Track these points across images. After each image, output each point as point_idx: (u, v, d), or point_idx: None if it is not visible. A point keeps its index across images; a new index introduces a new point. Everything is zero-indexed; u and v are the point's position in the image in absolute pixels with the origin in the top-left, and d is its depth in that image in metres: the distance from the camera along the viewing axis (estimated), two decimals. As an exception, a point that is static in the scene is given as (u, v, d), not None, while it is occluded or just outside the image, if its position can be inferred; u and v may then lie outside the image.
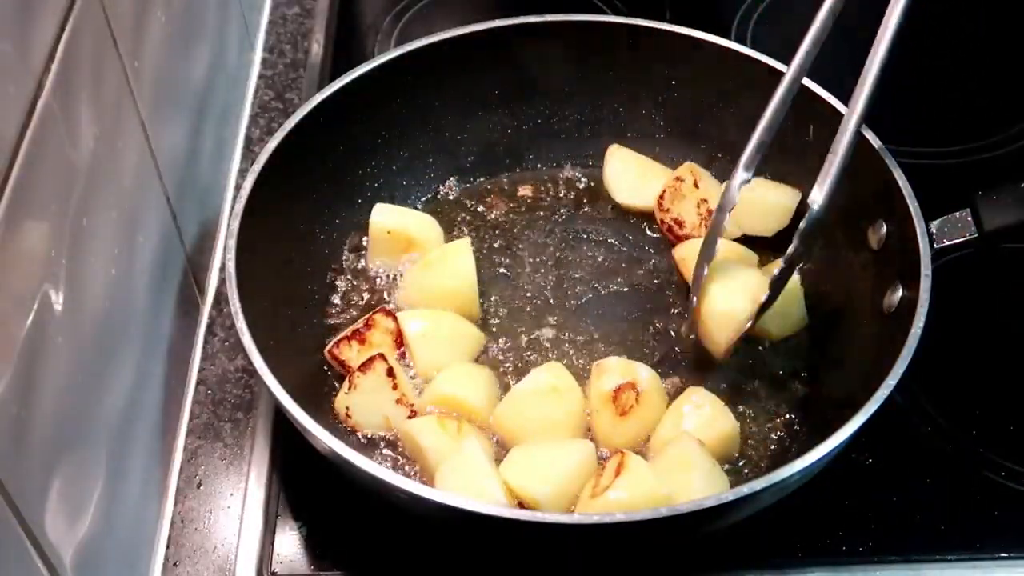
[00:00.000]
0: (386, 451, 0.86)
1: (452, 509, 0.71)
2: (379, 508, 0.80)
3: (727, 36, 1.02)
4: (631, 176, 1.04)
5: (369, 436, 0.87)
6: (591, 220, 1.04)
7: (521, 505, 0.79)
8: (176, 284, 0.91)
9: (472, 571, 0.83)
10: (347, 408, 0.86)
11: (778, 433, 0.88)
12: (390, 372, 0.86)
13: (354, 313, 0.96)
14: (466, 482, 0.79)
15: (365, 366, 0.86)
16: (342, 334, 0.91)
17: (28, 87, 0.64)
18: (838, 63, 0.87)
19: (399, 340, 0.90)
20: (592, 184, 1.06)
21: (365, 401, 0.86)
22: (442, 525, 0.79)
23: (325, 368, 0.91)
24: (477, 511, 0.71)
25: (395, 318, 0.90)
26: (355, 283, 0.98)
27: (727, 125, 1.02)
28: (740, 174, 0.88)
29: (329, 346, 0.90)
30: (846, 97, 0.85)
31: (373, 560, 0.83)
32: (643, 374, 0.87)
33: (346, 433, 0.87)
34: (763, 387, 0.91)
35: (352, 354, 0.89)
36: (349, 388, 0.86)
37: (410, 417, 0.86)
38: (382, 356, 0.87)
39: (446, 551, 0.82)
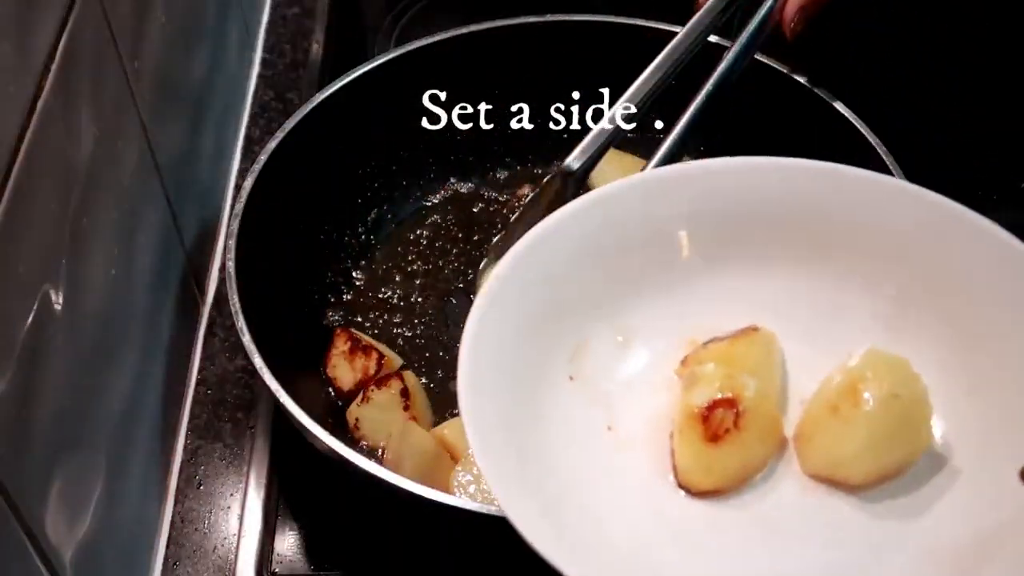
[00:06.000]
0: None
1: (452, 509, 0.71)
2: (379, 508, 0.80)
3: (727, 36, 1.02)
4: (612, 174, 1.04)
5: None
6: (591, 220, 1.04)
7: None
8: (176, 284, 0.91)
9: (472, 571, 0.83)
10: (356, 420, 0.86)
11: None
12: (404, 392, 0.86)
13: (354, 313, 0.96)
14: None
15: (381, 382, 0.86)
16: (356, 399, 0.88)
17: (28, 87, 0.64)
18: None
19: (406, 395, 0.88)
20: (592, 184, 1.06)
21: (376, 416, 0.86)
22: (442, 525, 0.79)
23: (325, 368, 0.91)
24: (477, 511, 0.71)
25: (402, 377, 0.88)
26: (355, 283, 0.98)
27: (727, 125, 1.02)
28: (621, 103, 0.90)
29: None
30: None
31: (373, 560, 0.83)
32: (749, 389, 0.68)
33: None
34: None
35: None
36: (362, 400, 0.86)
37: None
38: (399, 375, 0.87)
39: (446, 551, 0.82)
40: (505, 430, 0.64)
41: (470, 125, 1.05)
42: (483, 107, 1.05)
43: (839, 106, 0.92)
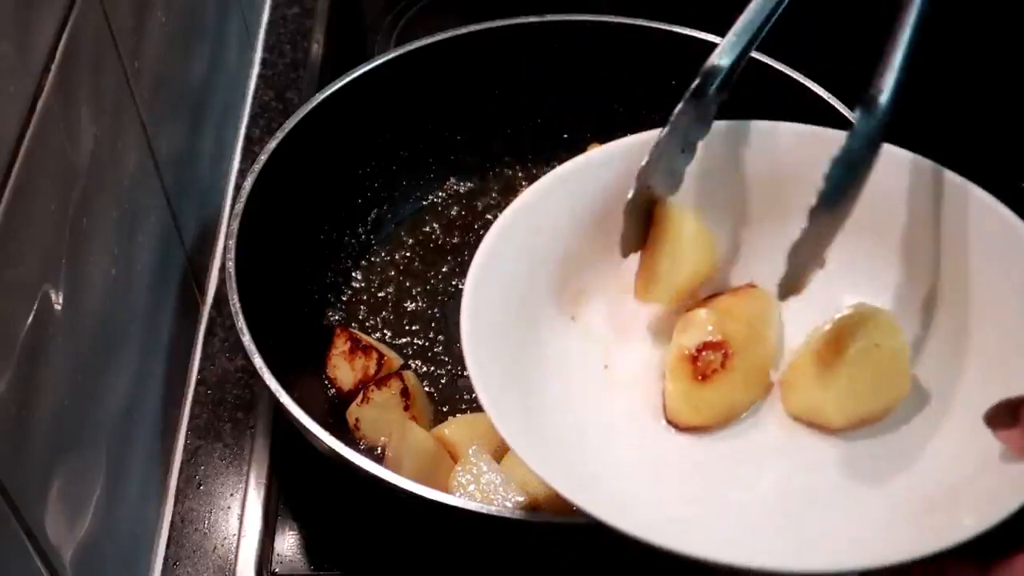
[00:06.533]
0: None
1: (452, 509, 0.71)
2: (379, 508, 0.80)
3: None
4: None
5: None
6: (591, 220, 1.04)
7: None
8: (176, 284, 0.91)
9: (472, 571, 0.83)
10: (356, 420, 0.86)
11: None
12: (404, 392, 0.86)
13: (354, 313, 0.96)
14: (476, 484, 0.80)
15: (381, 382, 0.86)
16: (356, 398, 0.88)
17: (28, 87, 0.64)
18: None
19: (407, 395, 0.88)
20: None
21: (376, 416, 0.86)
22: (441, 525, 0.79)
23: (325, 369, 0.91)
24: (477, 511, 0.71)
25: (403, 377, 0.88)
26: (355, 283, 0.98)
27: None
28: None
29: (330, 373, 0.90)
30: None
31: (373, 560, 0.83)
32: (739, 333, 0.71)
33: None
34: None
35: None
36: (362, 400, 0.86)
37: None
38: (399, 375, 0.87)
39: (446, 551, 0.82)
40: (504, 357, 0.67)
41: (470, 125, 1.05)
42: (483, 107, 1.05)
43: (839, 105, 0.92)
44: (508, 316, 0.70)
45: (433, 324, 0.96)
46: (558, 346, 0.72)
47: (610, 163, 0.76)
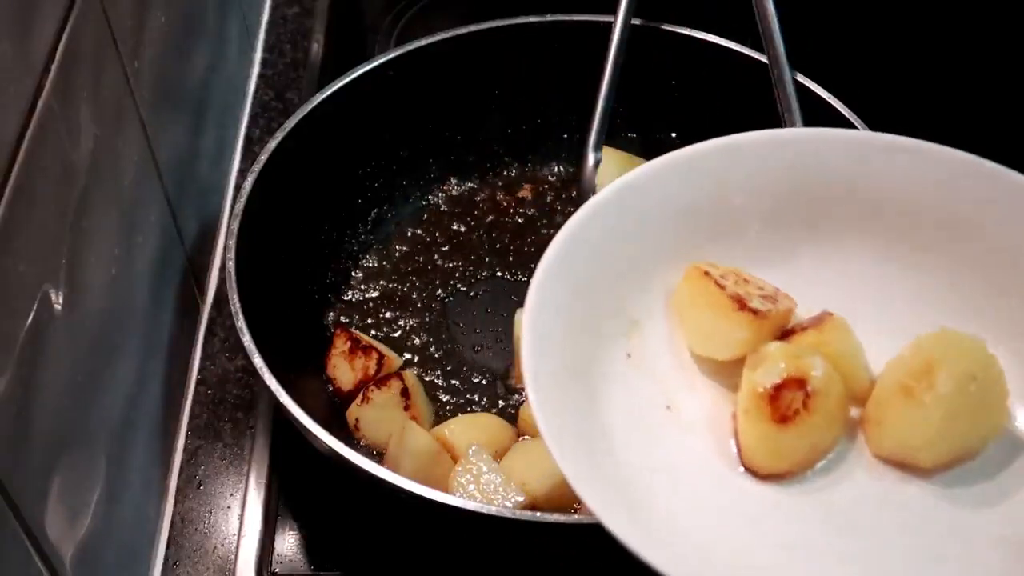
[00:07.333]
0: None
1: (452, 509, 0.71)
2: (379, 508, 0.80)
3: (727, 36, 1.02)
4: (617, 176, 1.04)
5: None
6: (591, 220, 1.03)
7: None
8: (176, 284, 0.91)
9: (472, 571, 0.83)
10: (356, 420, 0.86)
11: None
12: (404, 392, 0.86)
13: (354, 313, 0.96)
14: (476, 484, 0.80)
15: (381, 382, 0.86)
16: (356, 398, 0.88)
17: (28, 87, 0.64)
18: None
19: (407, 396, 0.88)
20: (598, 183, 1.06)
21: (376, 416, 0.86)
22: (441, 525, 0.79)
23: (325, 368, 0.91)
24: (477, 511, 0.71)
25: (403, 377, 0.88)
26: (355, 283, 0.98)
27: (727, 125, 1.02)
28: (591, 157, 0.98)
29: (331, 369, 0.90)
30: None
31: (373, 560, 0.83)
32: (817, 369, 0.64)
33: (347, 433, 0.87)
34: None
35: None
36: (362, 400, 0.86)
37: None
38: (399, 375, 0.87)
39: (446, 551, 0.82)
40: (566, 407, 0.63)
41: (470, 125, 1.05)
42: (483, 107, 1.05)
43: (838, 105, 0.92)
44: (566, 356, 0.65)
45: (433, 324, 0.96)
46: (616, 388, 0.67)
47: (651, 185, 0.71)
